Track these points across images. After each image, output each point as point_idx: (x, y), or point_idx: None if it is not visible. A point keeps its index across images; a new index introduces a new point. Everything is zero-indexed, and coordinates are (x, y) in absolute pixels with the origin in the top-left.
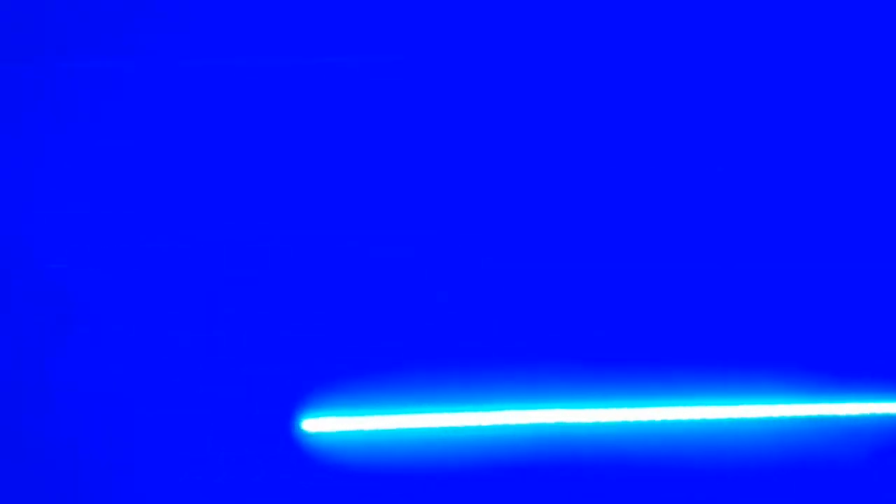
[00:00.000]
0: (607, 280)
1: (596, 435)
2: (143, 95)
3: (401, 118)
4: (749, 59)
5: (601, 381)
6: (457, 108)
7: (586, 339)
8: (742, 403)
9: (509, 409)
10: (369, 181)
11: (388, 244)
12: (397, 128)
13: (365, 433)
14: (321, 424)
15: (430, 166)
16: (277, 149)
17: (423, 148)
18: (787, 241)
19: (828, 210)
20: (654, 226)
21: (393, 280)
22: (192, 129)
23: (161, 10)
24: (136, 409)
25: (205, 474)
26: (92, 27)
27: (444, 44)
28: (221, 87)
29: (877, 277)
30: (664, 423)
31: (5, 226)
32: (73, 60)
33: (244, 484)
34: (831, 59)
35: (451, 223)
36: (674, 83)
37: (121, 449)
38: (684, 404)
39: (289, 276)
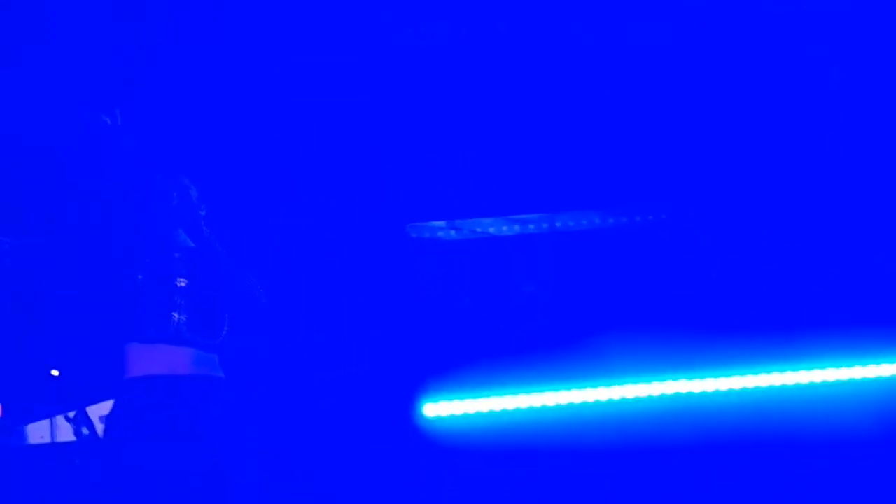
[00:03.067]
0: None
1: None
2: None
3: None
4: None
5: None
6: None
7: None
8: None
9: (622, 383)
10: None
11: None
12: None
13: (482, 415)
14: (441, 409)
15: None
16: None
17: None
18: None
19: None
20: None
21: (496, 273)
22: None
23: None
24: (265, 400)
25: (334, 461)
26: None
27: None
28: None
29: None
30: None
31: None
32: None
33: (371, 468)
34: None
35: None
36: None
37: (249, 441)
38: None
39: (400, 271)
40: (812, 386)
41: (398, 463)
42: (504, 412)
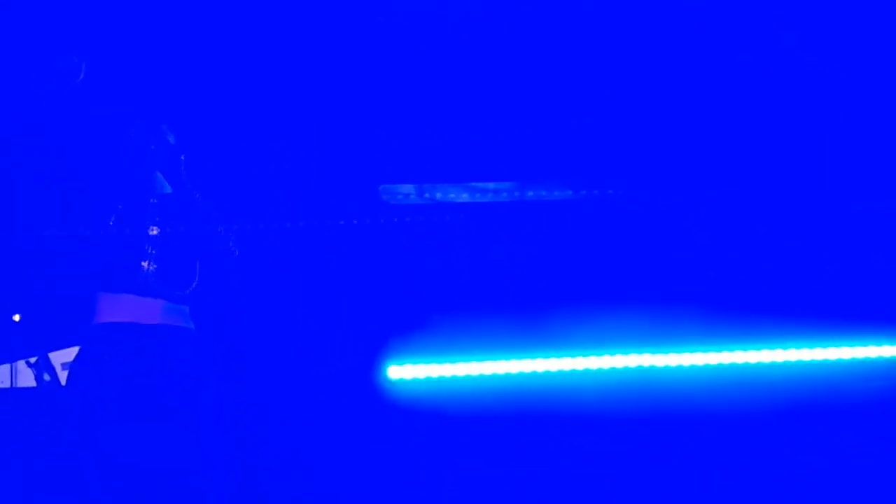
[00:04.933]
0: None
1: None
2: None
3: None
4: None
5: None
6: None
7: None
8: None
9: (588, 354)
10: None
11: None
12: None
13: (446, 379)
14: (405, 371)
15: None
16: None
17: None
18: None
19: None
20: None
21: (468, 234)
22: None
23: None
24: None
25: (297, 420)
26: None
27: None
28: None
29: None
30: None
31: None
32: None
33: (333, 428)
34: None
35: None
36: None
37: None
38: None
39: (370, 234)
40: (794, 364)
41: (360, 424)
42: (468, 378)
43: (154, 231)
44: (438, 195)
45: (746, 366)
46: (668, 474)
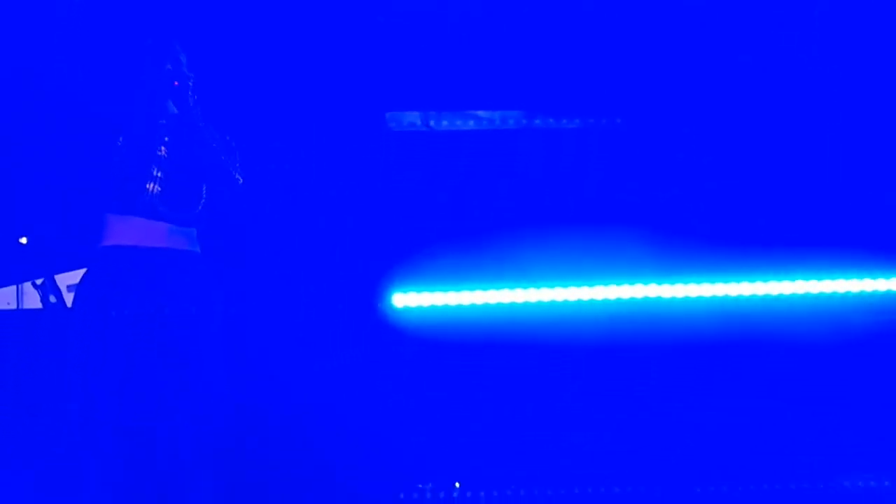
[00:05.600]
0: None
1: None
2: None
3: None
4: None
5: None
6: None
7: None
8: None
9: (593, 284)
10: None
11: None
12: None
13: (451, 308)
14: (410, 299)
15: None
16: None
17: None
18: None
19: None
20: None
21: (474, 163)
22: None
23: None
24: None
25: (302, 347)
26: None
27: None
28: None
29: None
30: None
31: None
32: None
33: (338, 355)
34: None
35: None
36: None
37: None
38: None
39: (376, 161)
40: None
41: (366, 351)
42: (473, 306)
43: (162, 152)
44: (444, 123)
45: (751, 298)
46: (669, 405)
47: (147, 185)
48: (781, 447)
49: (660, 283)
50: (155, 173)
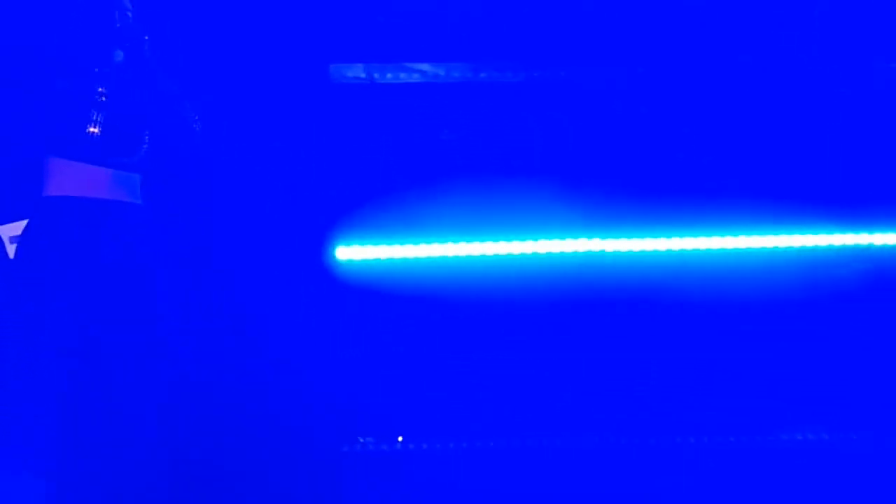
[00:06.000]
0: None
1: (611, 264)
2: None
3: None
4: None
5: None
6: None
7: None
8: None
9: (533, 238)
10: None
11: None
12: None
13: (394, 261)
14: (353, 252)
15: None
16: None
17: None
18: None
19: None
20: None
21: (419, 116)
22: None
23: None
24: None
25: (248, 299)
26: None
27: None
28: None
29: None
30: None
31: None
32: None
33: (281, 309)
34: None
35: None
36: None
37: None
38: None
39: (320, 114)
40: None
41: (309, 303)
42: (417, 259)
43: (102, 96)
44: (389, 76)
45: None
46: (613, 359)
47: (87, 129)
48: (726, 400)
49: (606, 237)
50: (95, 117)
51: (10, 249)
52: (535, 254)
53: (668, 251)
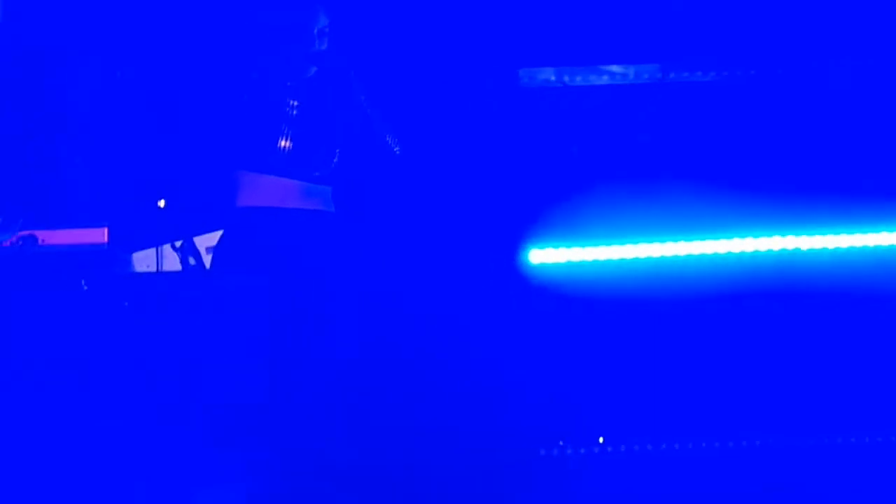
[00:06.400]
0: None
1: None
2: None
3: None
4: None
5: None
6: None
7: None
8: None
9: (726, 237)
10: None
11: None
12: None
13: (586, 263)
14: (547, 255)
15: None
16: None
17: None
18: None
19: None
20: None
21: (609, 118)
22: None
23: None
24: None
25: (438, 302)
26: None
27: None
28: None
29: None
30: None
31: None
32: None
33: (475, 311)
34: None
35: None
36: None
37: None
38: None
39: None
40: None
41: (503, 308)
42: (610, 262)
43: (294, 110)
44: (578, 79)
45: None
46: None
47: (279, 143)
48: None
49: (793, 235)
50: (286, 130)
51: (207, 260)
52: (728, 253)
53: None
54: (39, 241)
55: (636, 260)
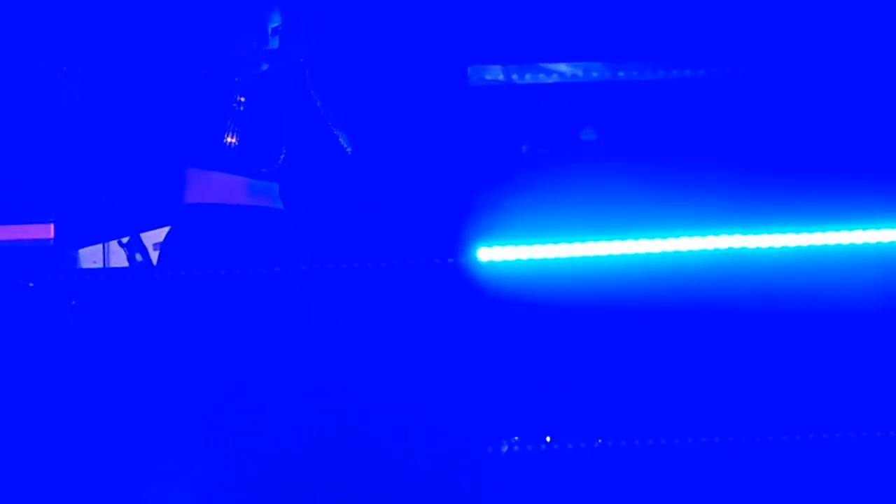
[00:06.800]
0: None
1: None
2: None
3: None
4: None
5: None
6: None
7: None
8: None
9: (671, 236)
10: None
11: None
12: None
13: (534, 262)
14: (494, 253)
15: None
16: None
17: None
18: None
19: None
20: None
21: (557, 116)
22: None
23: None
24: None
25: (384, 301)
26: None
27: None
28: None
29: None
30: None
31: None
32: None
33: (423, 311)
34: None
35: None
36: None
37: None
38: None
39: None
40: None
41: (451, 306)
42: (558, 260)
43: (241, 105)
44: (527, 77)
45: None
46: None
47: (225, 139)
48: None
49: (745, 234)
50: (230, 126)
51: (154, 256)
52: (673, 252)
53: (811, 246)
54: None
55: (584, 258)
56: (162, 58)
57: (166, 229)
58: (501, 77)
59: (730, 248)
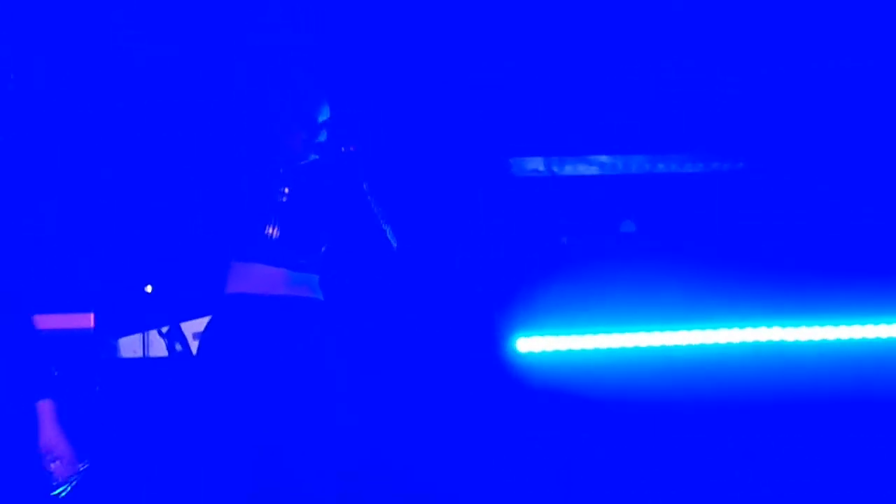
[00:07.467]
0: None
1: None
2: None
3: None
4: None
5: None
6: None
7: None
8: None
9: (721, 328)
10: None
11: None
12: None
13: (575, 352)
14: (534, 344)
15: None
16: None
17: None
18: None
19: None
20: None
21: (597, 208)
22: None
23: None
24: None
25: (427, 395)
26: None
27: None
28: None
29: None
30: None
31: None
32: None
33: (464, 403)
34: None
35: None
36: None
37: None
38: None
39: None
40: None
41: (491, 398)
42: (597, 350)
43: (284, 197)
44: (568, 168)
45: None
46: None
47: (266, 231)
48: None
49: (794, 326)
50: (273, 218)
51: (194, 346)
52: (716, 343)
53: (858, 339)
54: None
55: (623, 349)
56: (209, 148)
57: (206, 319)
58: (542, 168)
59: (769, 341)
